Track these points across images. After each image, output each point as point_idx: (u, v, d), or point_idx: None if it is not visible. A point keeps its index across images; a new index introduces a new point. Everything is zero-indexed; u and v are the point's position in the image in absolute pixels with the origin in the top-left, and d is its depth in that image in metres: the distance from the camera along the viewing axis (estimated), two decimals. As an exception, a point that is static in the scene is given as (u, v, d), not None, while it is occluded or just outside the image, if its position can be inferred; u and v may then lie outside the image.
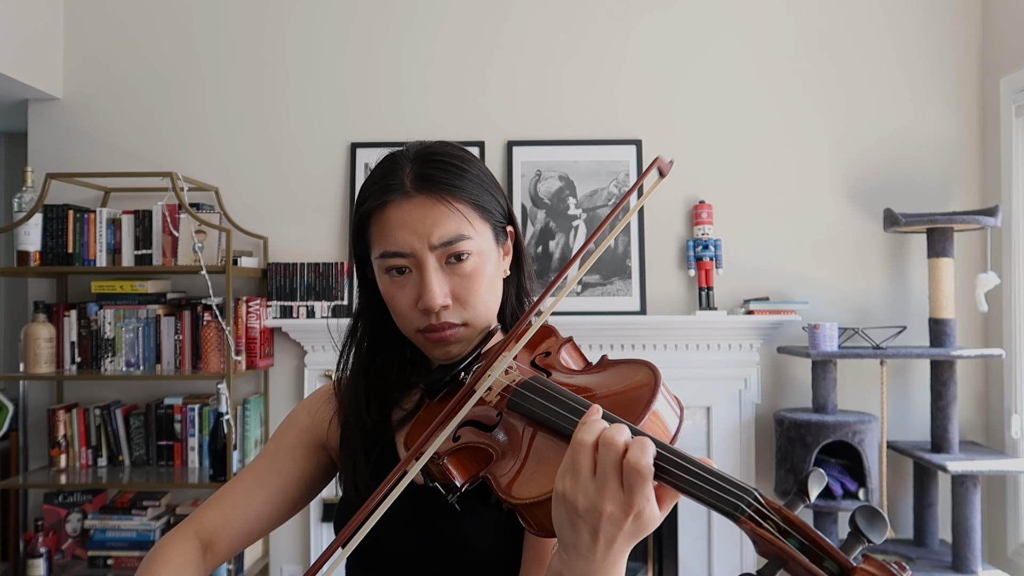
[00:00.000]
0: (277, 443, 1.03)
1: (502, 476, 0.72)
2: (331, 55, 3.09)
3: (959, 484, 2.62)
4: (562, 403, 0.72)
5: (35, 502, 2.94)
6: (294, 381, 3.04)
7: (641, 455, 0.61)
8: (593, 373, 0.81)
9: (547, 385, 0.75)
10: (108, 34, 3.10)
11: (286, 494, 0.99)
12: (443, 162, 0.89)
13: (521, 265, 1.00)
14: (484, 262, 0.89)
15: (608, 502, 0.62)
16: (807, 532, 0.55)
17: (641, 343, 2.94)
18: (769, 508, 0.57)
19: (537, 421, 0.73)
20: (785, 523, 0.56)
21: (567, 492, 0.63)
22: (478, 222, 0.89)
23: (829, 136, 3.06)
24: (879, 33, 3.07)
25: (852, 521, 0.54)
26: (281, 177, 3.08)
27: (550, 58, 3.09)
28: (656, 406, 0.68)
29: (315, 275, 2.94)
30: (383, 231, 0.88)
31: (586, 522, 0.63)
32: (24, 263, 2.75)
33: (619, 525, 0.62)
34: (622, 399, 0.72)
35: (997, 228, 2.85)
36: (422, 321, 0.88)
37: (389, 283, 0.89)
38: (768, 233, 3.04)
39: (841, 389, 2.93)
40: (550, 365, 0.84)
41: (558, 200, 3.03)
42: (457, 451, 0.77)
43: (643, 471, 0.60)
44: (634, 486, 0.61)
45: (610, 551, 0.64)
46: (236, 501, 0.98)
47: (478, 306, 0.89)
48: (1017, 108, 2.86)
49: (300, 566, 2.99)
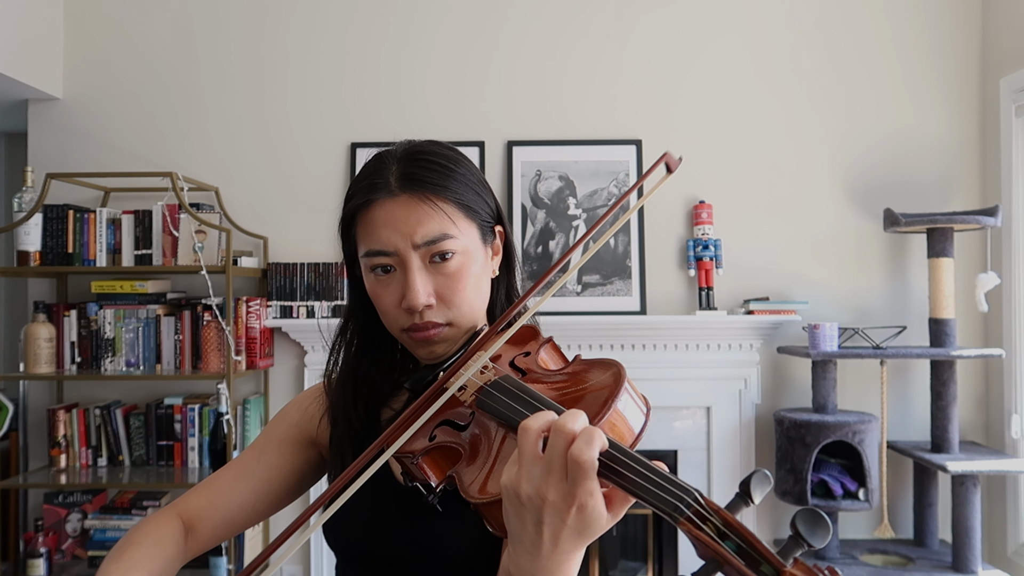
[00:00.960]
0: (267, 436, 1.03)
1: (466, 475, 0.72)
2: (331, 55, 3.09)
3: (959, 484, 2.62)
4: (525, 402, 0.72)
5: (35, 502, 2.94)
6: (294, 381, 3.04)
7: (586, 447, 0.60)
8: (565, 373, 0.81)
9: (515, 384, 0.75)
10: (108, 34, 3.10)
11: (271, 486, 1.00)
12: (429, 161, 0.89)
13: (511, 266, 1.00)
14: (469, 262, 0.89)
15: (551, 490, 0.61)
16: (744, 535, 0.55)
17: (641, 343, 2.94)
18: (709, 510, 0.56)
19: (503, 420, 0.73)
20: (724, 526, 0.56)
21: (511, 480, 0.64)
22: (463, 222, 0.89)
23: (829, 136, 3.06)
24: (879, 33, 3.07)
25: (792, 524, 0.54)
26: (281, 177, 3.08)
27: (550, 58, 3.09)
28: (618, 404, 0.68)
29: (315, 275, 2.95)
30: (368, 230, 0.88)
31: (529, 511, 0.63)
32: (24, 263, 2.75)
33: (562, 517, 0.62)
34: (586, 397, 0.72)
35: (997, 228, 2.85)
36: (406, 320, 0.88)
37: (374, 282, 0.90)
38: (768, 233, 3.04)
39: (841, 389, 2.93)
40: (528, 366, 0.84)
41: (558, 200, 3.03)
42: (431, 451, 0.77)
43: (585, 464, 0.60)
44: (576, 477, 0.61)
45: (556, 547, 0.63)
46: (221, 489, 0.98)
47: (463, 306, 0.89)
48: (1017, 108, 2.86)
49: (300, 566, 2.99)
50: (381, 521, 0.91)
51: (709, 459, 2.95)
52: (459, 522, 0.88)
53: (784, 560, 0.53)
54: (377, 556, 0.91)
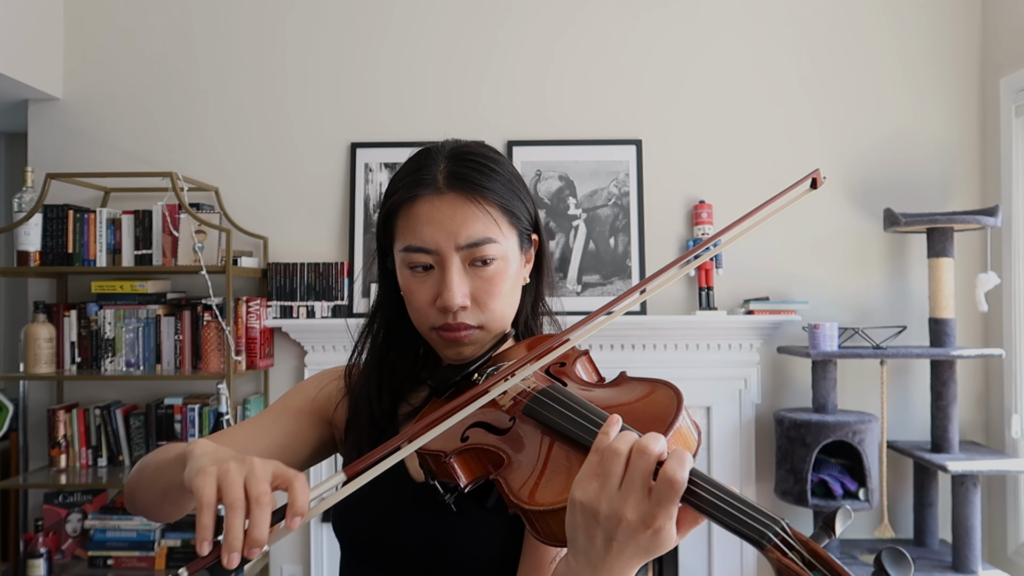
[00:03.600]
0: (284, 403, 1.02)
1: (514, 481, 0.71)
2: (331, 55, 3.09)
3: (959, 484, 2.62)
4: (582, 413, 0.72)
5: (35, 502, 2.94)
6: (294, 381, 3.04)
7: (679, 467, 0.60)
8: (610, 388, 0.81)
9: (566, 395, 0.75)
10: (108, 34, 3.10)
11: (284, 451, 0.97)
12: (478, 162, 0.88)
13: (541, 275, 1.00)
14: (507, 267, 0.89)
15: (631, 510, 0.61)
16: (832, 566, 0.55)
17: (641, 343, 2.94)
18: (795, 539, 0.57)
19: (554, 429, 0.73)
20: (811, 555, 0.56)
21: (589, 498, 0.63)
22: (506, 227, 0.89)
23: (829, 136, 3.06)
24: (879, 33, 3.07)
25: (877, 561, 0.54)
26: (281, 177, 3.08)
27: (550, 58, 3.09)
28: (680, 424, 0.67)
29: (315, 275, 2.94)
30: (410, 225, 0.87)
31: (603, 528, 0.62)
32: (24, 263, 2.75)
33: (636, 537, 0.61)
34: (643, 415, 0.71)
35: (997, 228, 2.85)
36: (439, 319, 0.88)
37: (410, 277, 0.89)
38: (768, 233, 3.04)
39: (841, 389, 2.93)
40: (565, 375, 0.84)
41: (558, 200, 3.03)
42: (464, 451, 0.76)
43: (677, 484, 0.59)
44: (663, 499, 0.60)
45: (619, 562, 0.63)
46: (235, 440, 0.94)
47: (496, 310, 0.89)
48: (1017, 108, 2.86)
49: (300, 566, 2.99)
50: (393, 516, 0.90)
51: (709, 459, 2.95)
52: (472, 523, 0.87)
53: None
54: (387, 547, 0.91)
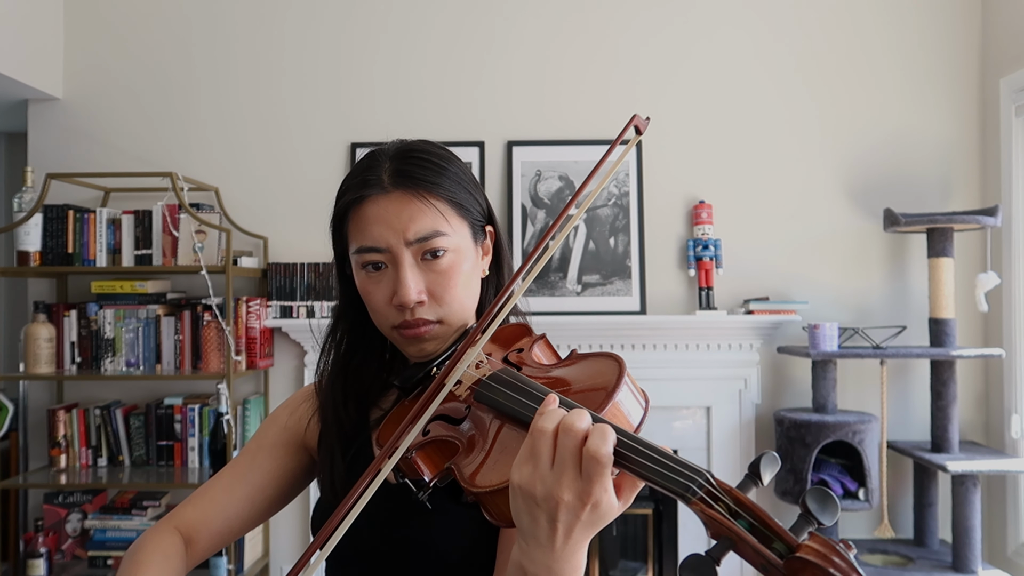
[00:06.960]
0: (258, 441, 1.03)
1: (466, 466, 0.72)
2: (329, 55, 3.09)
3: (959, 484, 2.62)
4: (525, 392, 0.72)
5: (35, 502, 2.94)
6: (294, 381, 3.04)
7: (601, 443, 0.60)
8: (562, 367, 0.82)
9: (513, 376, 0.76)
10: (108, 35, 3.10)
11: (265, 492, 0.99)
12: (421, 159, 0.89)
13: (501, 266, 1.00)
14: (460, 260, 0.89)
15: (566, 490, 0.61)
16: (756, 513, 0.56)
17: (641, 343, 2.94)
18: (720, 490, 0.57)
19: (502, 412, 0.74)
20: (736, 504, 0.56)
21: (524, 480, 0.63)
22: (455, 219, 0.89)
23: (829, 136, 3.06)
24: (880, 33, 3.07)
25: (802, 502, 0.55)
26: (281, 177, 3.08)
27: (548, 57, 3.09)
28: (618, 396, 0.68)
29: (315, 275, 2.94)
30: (360, 226, 0.88)
31: (543, 510, 0.62)
32: (24, 263, 2.75)
33: (577, 514, 0.62)
34: (587, 389, 0.73)
35: (997, 228, 2.85)
36: (397, 317, 0.88)
37: (365, 279, 0.90)
38: (768, 233, 3.04)
39: (841, 389, 2.93)
40: (522, 361, 0.85)
41: (558, 200, 3.03)
42: (426, 445, 0.77)
43: (602, 459, 0.60)
44: (593, 475, 0.61)
45: (568, 540, 0.63)
46: (216, 498, 0.98)
47: (453, 303, 0.89)
48: (1017, 108, 2.86)
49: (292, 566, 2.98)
50: (370, 519, 0.91)
51: (709, 459, 2.95)
52: (448, 520, 0.88)
53: (796, 536, 0.54)
54: (364, 552, 0.91)
